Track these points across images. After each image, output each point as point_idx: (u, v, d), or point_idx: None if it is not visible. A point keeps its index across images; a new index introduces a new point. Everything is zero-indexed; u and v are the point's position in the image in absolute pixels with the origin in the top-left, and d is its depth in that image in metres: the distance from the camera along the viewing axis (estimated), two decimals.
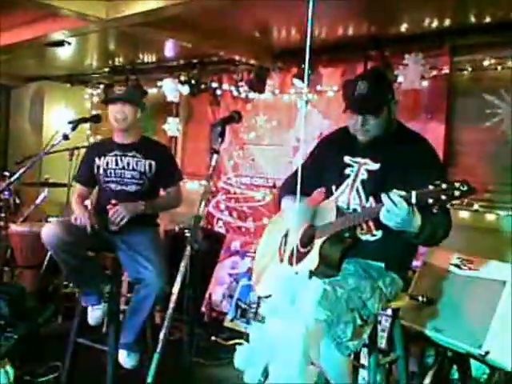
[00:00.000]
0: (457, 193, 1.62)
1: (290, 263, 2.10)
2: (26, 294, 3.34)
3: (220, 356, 3.34)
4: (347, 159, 2.13)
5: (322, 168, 2.23)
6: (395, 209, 1.70)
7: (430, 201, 1.65)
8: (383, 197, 1.74)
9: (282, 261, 2.19)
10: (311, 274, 1.90)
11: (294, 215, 2.10)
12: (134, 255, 2.66)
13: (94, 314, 2.75)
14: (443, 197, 1.63)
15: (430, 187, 1.65)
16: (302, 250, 2.08)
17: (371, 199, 2.04)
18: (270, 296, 2.08)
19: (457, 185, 1.63)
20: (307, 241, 2.08)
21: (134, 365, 2.66)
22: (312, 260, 1.99)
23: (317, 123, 4.02)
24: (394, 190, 1.73)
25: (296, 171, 2.36)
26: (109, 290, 2.77)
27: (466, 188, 1.62)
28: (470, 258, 2.63)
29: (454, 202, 1.69)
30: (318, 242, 2.01)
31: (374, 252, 2.05)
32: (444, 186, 1.63)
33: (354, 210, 2.06)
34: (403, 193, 1.71)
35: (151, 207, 2.78)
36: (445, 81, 3.33)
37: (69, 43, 4.02)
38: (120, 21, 3.27)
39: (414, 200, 1.68)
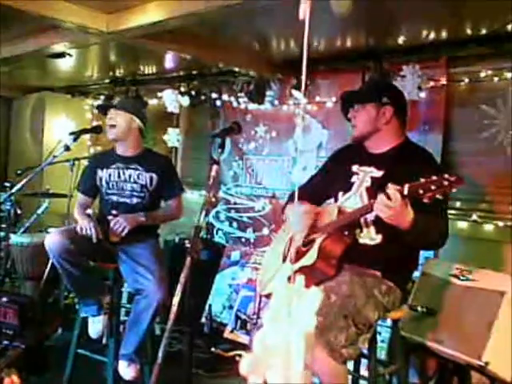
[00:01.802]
0: (445, 183, 1.70)
1: (292, 262, 2.15)
2: (34, 304, 3.34)
3: (220, 367, 3.34)
4: (355, 168, 2.20)
5: (331, 179, 2.29)
6: (388, 201, 1.76)
7: (421, 191, 1.72)
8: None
9: (284, 260, 2.22)
10: (308, 269, 1.94)
11: (296, 217, 2.16)
12: (134, 266, 2.67)
13: (95, 326, 2.75)
14: (433, 187, 1.70)
15: (422, 180, 1.74)
16: (303, 248, 2.11)
17: None
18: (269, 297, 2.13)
19: (446, 176, 1.71)
20: (309, 240, 2.12)
21: (133, 376, 2.65)
22: (311, 256, 2.03)
23: (316, 133, 4.05)
24: (389, 184, 1.79)
25: (304, 185, 2.41)
26: (109, 301, 2.77)
27: (453, 178, 1.70)
28: (468, 269, 2.63)
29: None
30: (318, 240, 2.06)
31: (371, 257, 2.07)
32: (434, 177, 1.72)
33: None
34: (397, 187, 1.78)
35: (151, 219, 2.79)
36: (442, 92, 3.36)
37: (70, 55, 4.06)
38: (120, 33, 3.31)
39: (406, 191, 1.75)
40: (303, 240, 2.15)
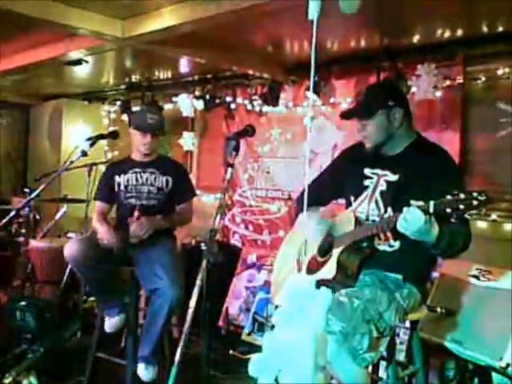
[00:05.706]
0: (475, 202, 1.62)
1: (308, 273, 2.11)
2: (52, 308, 3.39)
3: (237, 370, 3.33)
4: (367, 171, 2.13)
5: (341, 179, 2.23)
6: (412, 218, 1.70)
7: (448, 210, 1.66)
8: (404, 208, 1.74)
9: (299, 270, 2.19)
10: (327, 282, 1.91)
11: (312, 226, 2.11)
12: (150, 267, 2.69)
13: (111, 321, 2.79)
14: (461, 206, 1.63)
15: (448, 197, 1.66)
16: (320, 259, 2.08)
17: (389, 210, 2.03)
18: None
19: (475, 194, 1.63)
20: (325, 250, 2.09)
21: (152, 378, 2.67)
22: (330, 269, 2.00)
23: (331, 135, 4.03)
24: (412, 201, 1.73)
25: (312, 182, 2.38)
26: (127, 302, 2.81)
27: (483, 198, 1.62)
28: (488, 269, 2.60)
29: (471, 213, 1.67)
30: (335, 252, 2.02)
31: (391, 263, 2.04)
32: (462, 195, 1.64)
33: (373, 221, 2.05)
34: (421, 203, 1.71)
35: (169, 222, 2.87)
36: (458, 90, 3.32)
37: (86, 61, 4.11)
38: (136, 39, 3.34)
39: (432, 210, 1.69)
40: (319, 250, 2.12)
